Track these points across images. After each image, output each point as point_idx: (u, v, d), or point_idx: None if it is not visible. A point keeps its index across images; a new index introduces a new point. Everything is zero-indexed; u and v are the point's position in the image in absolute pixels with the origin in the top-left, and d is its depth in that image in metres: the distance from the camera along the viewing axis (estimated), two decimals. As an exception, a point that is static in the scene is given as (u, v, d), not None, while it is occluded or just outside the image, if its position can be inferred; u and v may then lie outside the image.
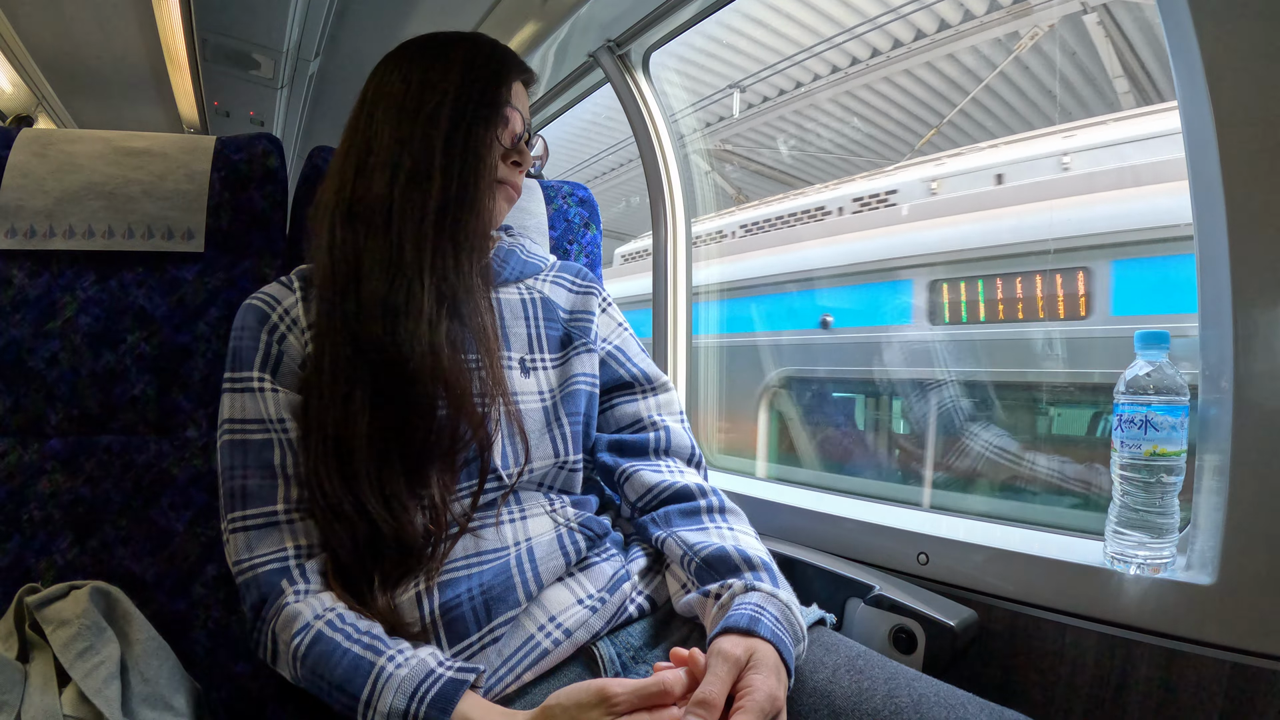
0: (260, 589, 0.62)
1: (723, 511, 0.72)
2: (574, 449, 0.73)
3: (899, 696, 0.56)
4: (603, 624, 0.66)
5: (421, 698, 0.53)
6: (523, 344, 0.75)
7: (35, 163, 0.85)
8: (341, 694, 0.56)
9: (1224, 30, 0.61)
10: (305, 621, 0.59)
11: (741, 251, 3.27)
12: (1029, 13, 2.89)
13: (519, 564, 0.66)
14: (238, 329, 0.69)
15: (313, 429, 0.64)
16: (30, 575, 0.75)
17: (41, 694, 0.59)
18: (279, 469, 0.65)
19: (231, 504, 0.64)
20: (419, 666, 0.55)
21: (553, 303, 0.80)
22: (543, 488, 0.73)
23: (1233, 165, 0.62)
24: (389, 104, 0.70)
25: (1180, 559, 0.70)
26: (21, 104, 2.23)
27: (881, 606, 0.83)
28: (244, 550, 0.63)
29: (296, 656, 0.58)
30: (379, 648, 0.57)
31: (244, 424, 0.66)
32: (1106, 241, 1.89)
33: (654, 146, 1.47)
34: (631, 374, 0.80)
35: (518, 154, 0.75)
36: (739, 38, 3.22)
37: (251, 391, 0.66)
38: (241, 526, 0.64)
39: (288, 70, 2.11)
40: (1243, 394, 0.63)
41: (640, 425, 0.78)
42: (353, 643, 0.57)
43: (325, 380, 0.65)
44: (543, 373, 0.75)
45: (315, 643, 0.58)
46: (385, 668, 0.55)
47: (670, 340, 1.46)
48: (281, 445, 0.65)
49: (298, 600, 0.60)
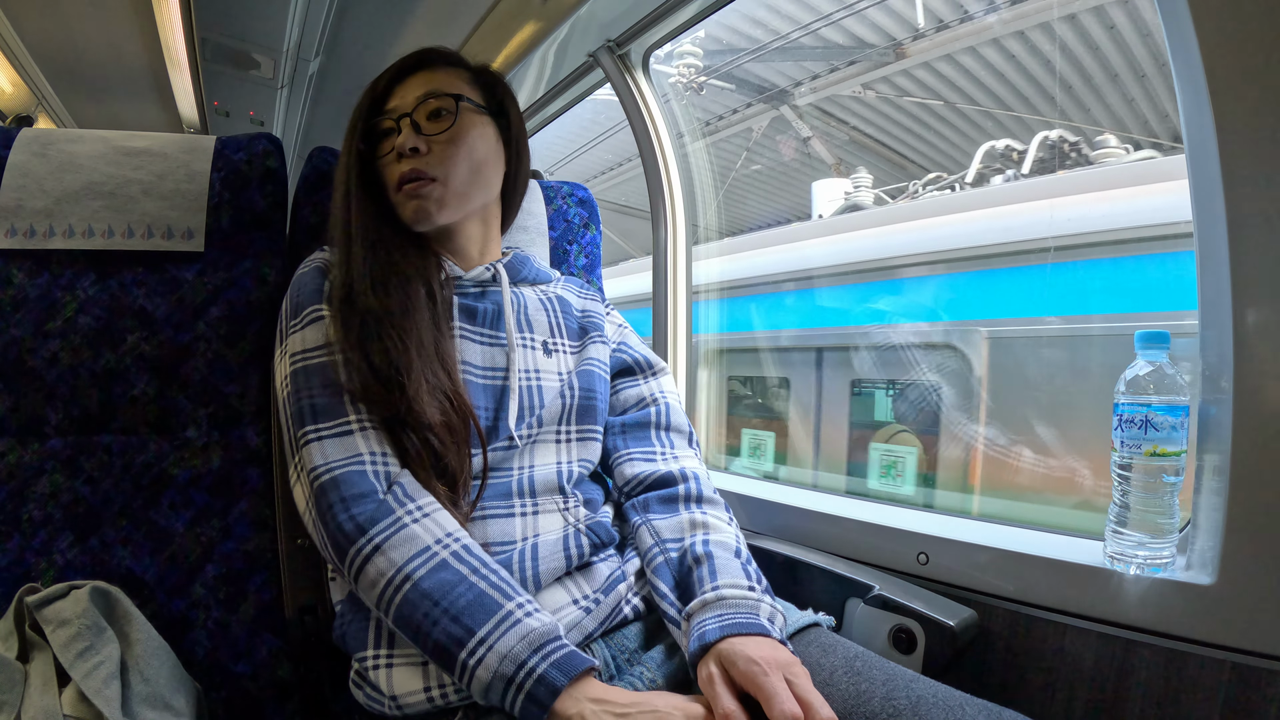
0: (340, 489, 0.61)
1: (700, 500, 0.75)
2: (581, 418, 0.77)
3: (897, 698, 0.56)
4: (596, 625, 0.66)
5: (548, 654, 0.54)
6: (545, 329, 0.81)
7: (35, 163, 0.85)
8: (455, 624, 0.55)
9: (1224, 30, 0.61)
10: (425, 544, 0.59)
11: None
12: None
13: (521, 561, 0.66)
14: (295, 286, 0.74)
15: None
16: (30, 575, 0.75)
17: (41, 694, 0.59)
18: (345, 384, 0.66)
19: (301, 421, 0.66)
20: (552, 625, 0.56)
21: (567, 300, 0.87)
22: (558, 464, 0.74)
23: (1233, 165, 0.62)
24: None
25: (1180, 559, 0.70)
26: (21, 104, 2.23)
27: (881, 606, 0.83)
28: (319, 457, 0.63)
29: (410, 579, 0.57)
30: (508, 591, 0.57)
31: (306, 352, 0.68)
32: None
33: (654, 146, 1.47)
34: (634, 359, 0.87)
35: (388, 144, 0.76)
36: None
37: (314, 322, 0.69)
38: (315, 437, 0.64)
39: (288, 70, 2.11)
40: (1243, 394, 0.63)
41: (643, 403, 0.84)
42: (481, 579, 0.58)
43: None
44: (563, 355, 0.81)
45: (440, 569, 0.58)
46: (513, 613, 0.56)
47: (670, 340, 1.46)
48: (343, 365, 0.67)
49: (414, 522, 0.60)
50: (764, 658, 0.54)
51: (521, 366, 0.76)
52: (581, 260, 1.09)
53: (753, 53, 3.18)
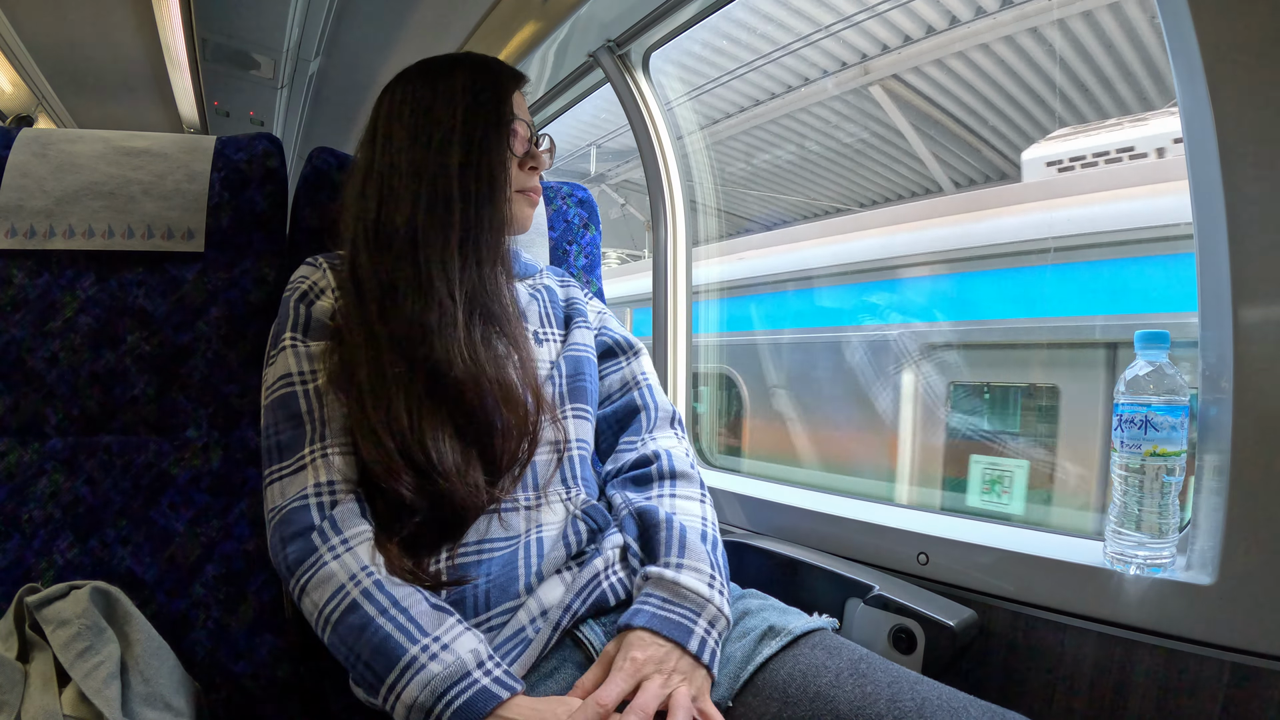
0: (283, 528, 0.63)
1: (673, 477, 0.78)
2: (572, 399, 0.80)
3: (902, 700, 0.56)
4: (573, 598, 0.66)
5: (451, 701, 0.53)
6: (535, 319, 0.84)
7: (35, 163, 0.85)
8: (368, 670, 0.56)
9: (1224, 29, 0.61)
10: (340, 584, 0.59)
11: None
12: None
13: (526, 555, 0.67)
14: (280, 310, 0.74)
15: (362, 432, 0.66)
16: (30, 575, 0.75)
17: (41, 694, 0.59)
18: (305, 415, 0.68)
19: (268, 460, 0.68)
20: (455, 667, 0.55)
21: (552, 290, 0.90)
22: (556, 446, 0.75)
23: (1233, 165, 0.62)
24: (401, 133, 0.74)
25: (1180, 559, 0.70)
26: (21, 104, 2.23)
27: (881, 606, 0.83)
28: (277, 497, 0.66)
29: (329, 622, 0.58)
30: (413, 633, 0.56)
31: (274, 382, 0.70)
32: None
33: (654, 146, 1.47)
34: (615, 340, 0.90)
35: (533, 159, 0.80)
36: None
37: (283, 350, 0.71)
38: (277, 477, 0.66)
39: (288, 70, 2.11)
40: (1243, 394, 0.63)
41: (626, 387, 0.87)
42: (388, 619, 0.57)
43: (365, 391, 0.67)
44: (552, 344, 0.84)
45: (350, 611, 0.58)
46: (418, 658, 0.55)
47: (670, 340, 1.46)
48: (306, 394, 0.68)
49: (334, 559, 0.60)
50: (653, 658, 0.58)
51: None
52: (581, 260, 1.09)
53: (574, 153, 4.04)
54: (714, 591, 0.65)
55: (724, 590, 0.67)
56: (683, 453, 0.82)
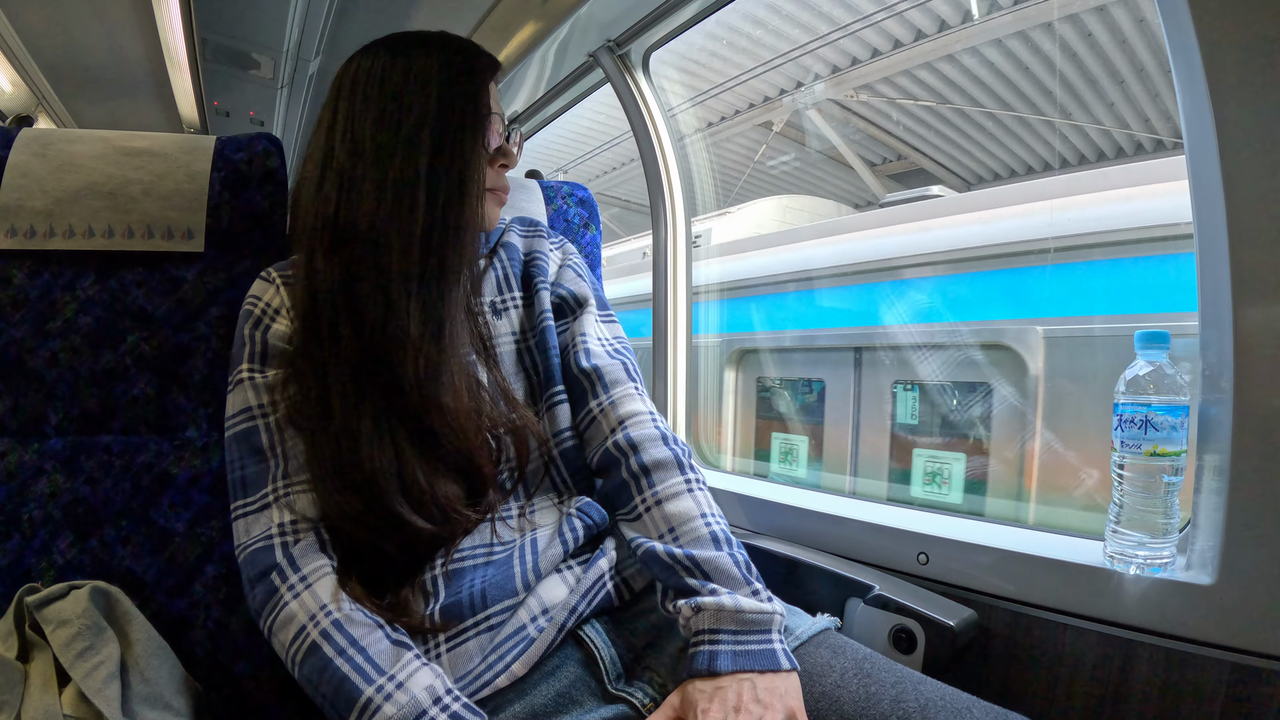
0: (248, 569, 0.63)
1: (646, 472, 0.68)
2: (547, 384, 0.74)
3: (906, 700, 0.56)
4: (579, 600, 0.65)
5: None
6: (492, 288, 0.77)
7: (35, 163, 0.85)
8: (333, 710, 0.56)
9: (1224, 30, 0.61)
10: (301, 625, 0.59)
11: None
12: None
13: (521, 557, 0.66)
14: (234, 340, 0.71)
15: (321, 458, 0.64)
16: (30, 575, 0.75)
17: (41, 694, 0.59)
18: (268, 450, 0.66)
19: (234, 494, 0.66)
20: (409, 707, 0.54)
21: (512, 245, 0.82)
22: (541, 450, 0.72)
23: (1233, 165, 0.62)
24: (365, 116, 0.67)
25: (1180, 559, 0.70)
26: (21, 104, 2.22)
27: (881, 606, 0.83)
28: (243, 535, 0.65)
29: (295, 663, 0.58)
30: (369, 673, 0.56)
31: (235, 416, 0.68)
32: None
33: (654, 146, 1.47)
34: (562, 295, 0.79)
35: (504, 156, 0.74)
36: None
37: (240, 383, 0.69)
38: (242, 514, 0.65)
39: (288, 70, 2.11)
40: (1243, 394, 0.63)
41: (565, 352, 0.77)
42: (345, 660, 0.56)
43: (320, 434, 0.64)
44: (514, 311, 0.77)
45: (311, 653, 0.57)
46: (373, 699, 0.54)
47: (670, 340, 1.46)
48: (268, 428, 0.67)
49: (294, 598, 0.60)
50: (772, 704, 0.54)
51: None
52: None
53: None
54: (763, 594, 0.62)
55: (763, 588, 0.62)
56: (646, 419, 0.72)
